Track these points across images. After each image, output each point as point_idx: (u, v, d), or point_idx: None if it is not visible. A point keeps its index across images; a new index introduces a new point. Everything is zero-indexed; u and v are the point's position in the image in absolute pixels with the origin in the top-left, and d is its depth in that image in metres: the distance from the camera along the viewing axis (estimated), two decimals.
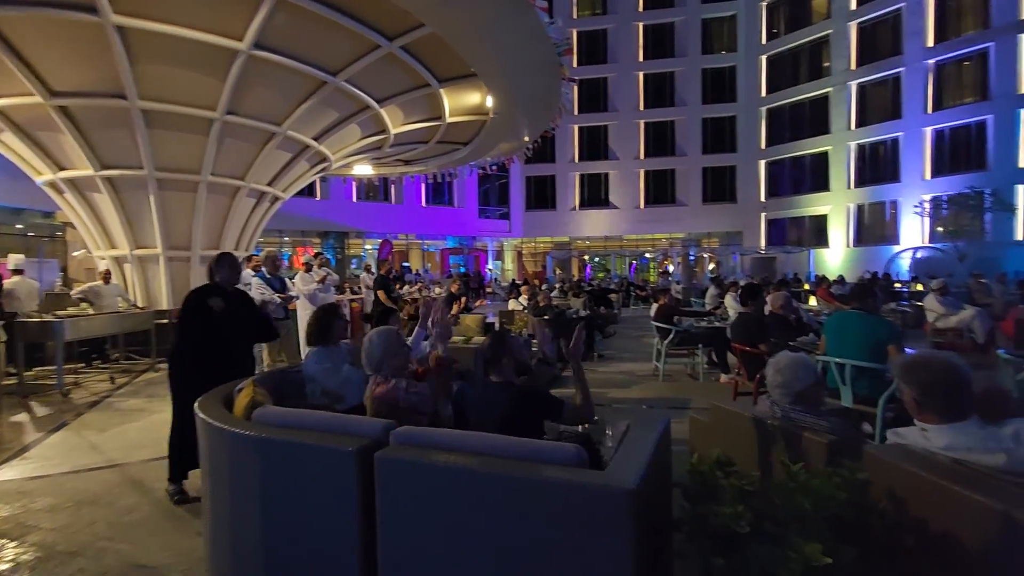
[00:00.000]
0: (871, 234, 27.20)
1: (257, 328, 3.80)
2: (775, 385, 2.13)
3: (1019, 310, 8.83)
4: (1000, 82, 22.57)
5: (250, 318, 3.70)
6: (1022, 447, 1.45)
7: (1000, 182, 22.04)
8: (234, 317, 3.45)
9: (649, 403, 5.79)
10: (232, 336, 3.46)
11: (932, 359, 1.76)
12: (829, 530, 1.16)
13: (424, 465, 1.64)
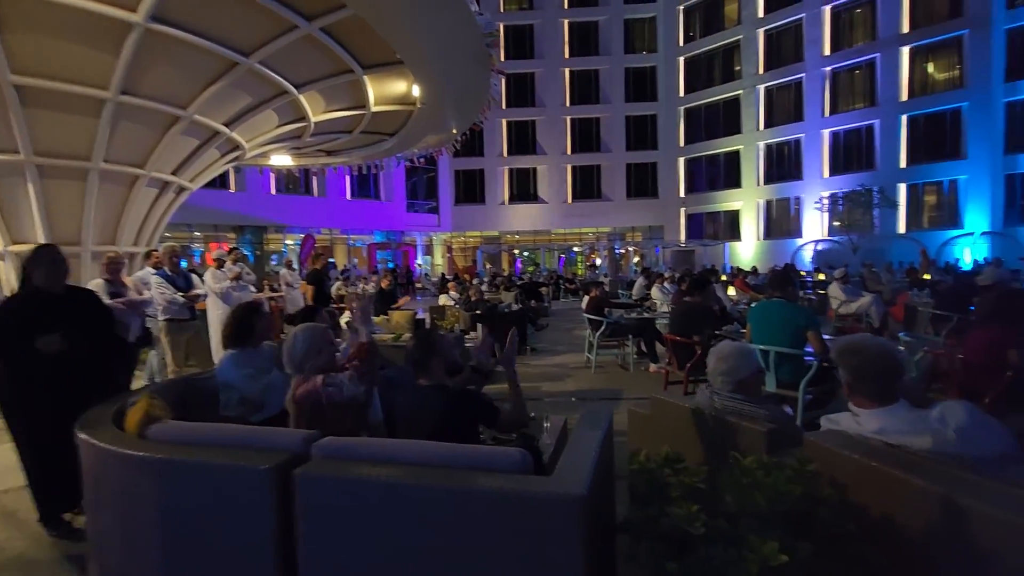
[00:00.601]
0: (778, 228, 29.28)
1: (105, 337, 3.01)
2: (718, 373, 2.14)
3: (905, 296, 9.76)
4: (885, 90, 24.97)
5: (95, 325, 2.90)
6: (947, 428, 1.49)
7: (886, 181, 24.46)
8: (72, 329, 2.67)
9: (583, 395, 5.83)
10: (73, 353, 2.68)
11: (864, 344, 1.78)
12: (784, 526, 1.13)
13: (352, 481, 1.47)
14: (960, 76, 23.24)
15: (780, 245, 28.16)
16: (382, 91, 10.14)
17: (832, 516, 1.18)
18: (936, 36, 23.64)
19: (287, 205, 26.16)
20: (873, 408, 1.68)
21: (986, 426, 1.50)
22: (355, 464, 1.52)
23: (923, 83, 24.51)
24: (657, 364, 6.74)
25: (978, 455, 1.42)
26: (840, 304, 9.18)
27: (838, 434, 1.64)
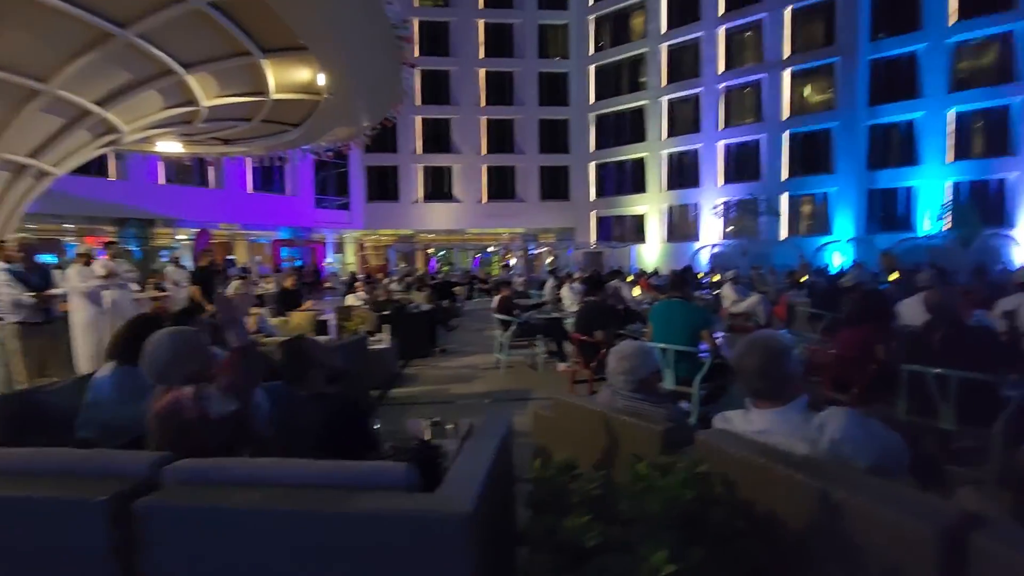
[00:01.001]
0: (680, 232, 31.22)
1: None
2: (619, 372, 2.15)
3: (787, 296, 10.73)
4: (770, 108, 27.44)
5: None
6: (824, 438, 1.52)
7: (771, 191, 26.92)
8: None
9: (492, 396, 5.78)
10: None
11: (758, 343, 1.76)
12: (677, 529, 1.11)
13: (207, 510, 1.26)
14: (832, 99, 26.04)
15: (681, 248, 30.02)
16: (285, 78, 9.49)
17: (724, 516, 1.18)
18: (812, 62, 26.33)
19: (178, 197, 23.87)
20: (765, 408, 1.69)
21: (867, 437, 1.53)
22: (214, 489, 1.31)
23: (801, 104, 27.21)
24: (565, 363, 6.86)
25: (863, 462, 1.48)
26: (731, 303, 9.88)
27: (727, 433, 1.67)
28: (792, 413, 1.64)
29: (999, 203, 23.08)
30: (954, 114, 23.90)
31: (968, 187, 23.65)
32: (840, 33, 25.37)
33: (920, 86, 24.59)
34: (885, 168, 25.67)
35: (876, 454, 1.51)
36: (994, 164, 23.11)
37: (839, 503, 1.16)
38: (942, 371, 2.92)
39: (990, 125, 23.40)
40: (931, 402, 3.02)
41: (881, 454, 1.52)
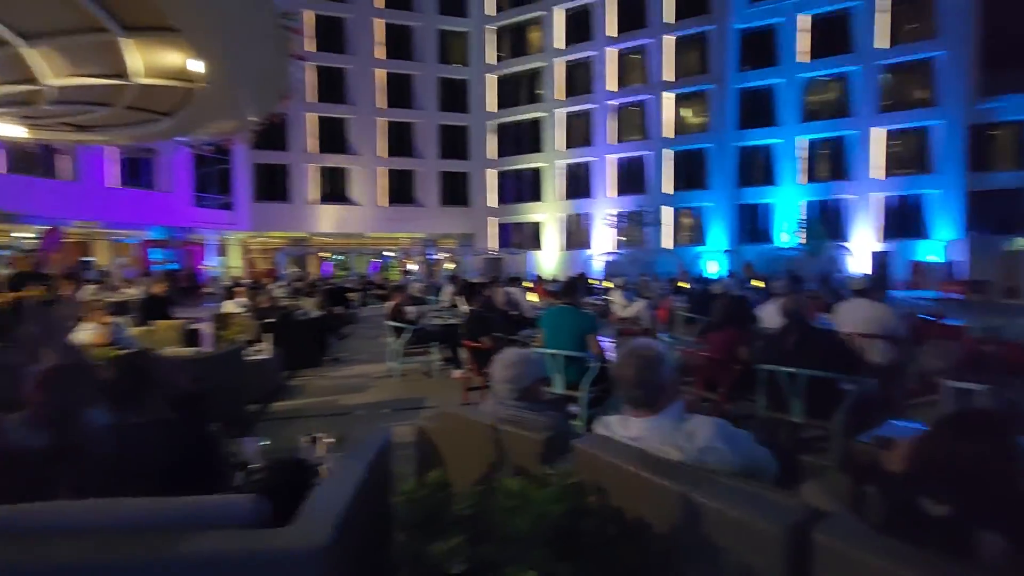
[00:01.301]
0: (575, 240, 32.54)
1: None
2: (502, 381, 2.12)
3: (668, 300, 11.51)
4: (654, 127, 29.60)
5: None
6: (693, 445, 1.59)
7: (655, 204, 29.01)
8: None
9: (384, 406, 5.57)
10: None
11: (635, 352, 1.77)
12: (546, 546, 1.09)
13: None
14: (707, 122, 28.67)
15: (577, 255, 31.30)
16: (153, 61, 8.50)
17: (594, 526, 1.19)
18: (690, 87, 28.83)
19: (20, 189, 20.51)
20: (641, 416, 1.72)
21: (732, 446, 1.61)
22: (15, 543, 1.08)
23: (682, 125, 29.67)
24: (461, 370, 6.80)
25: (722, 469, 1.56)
26: (620, 308, 10.43)
27: (604, 439, 1.71)
28: (665, 421, 1.68)
29: (839, 220, 26.69)
30: (805, 141, 27.33)
31: (817, 205, 27.09)
32: (713, 63, 28.05)
33: (777, 115, 27.86)
34: (751, 186, 28.71)
35: (741, 462, 1.60)
36: (835, 186, 26.74)
37: (699, 506, 1.22)
38: (793, 370, 3.27)
39: (832, 153, 27.08)
40: (784, 398, 3.37)
41: (745, 462, 1.61)
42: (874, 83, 25.72)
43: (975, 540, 1.11)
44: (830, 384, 3.25)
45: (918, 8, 25.06)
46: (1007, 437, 1.20)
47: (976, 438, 1.19)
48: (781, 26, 27.52)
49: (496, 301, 5.73)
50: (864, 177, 26.04)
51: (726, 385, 3.82)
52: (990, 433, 1.20)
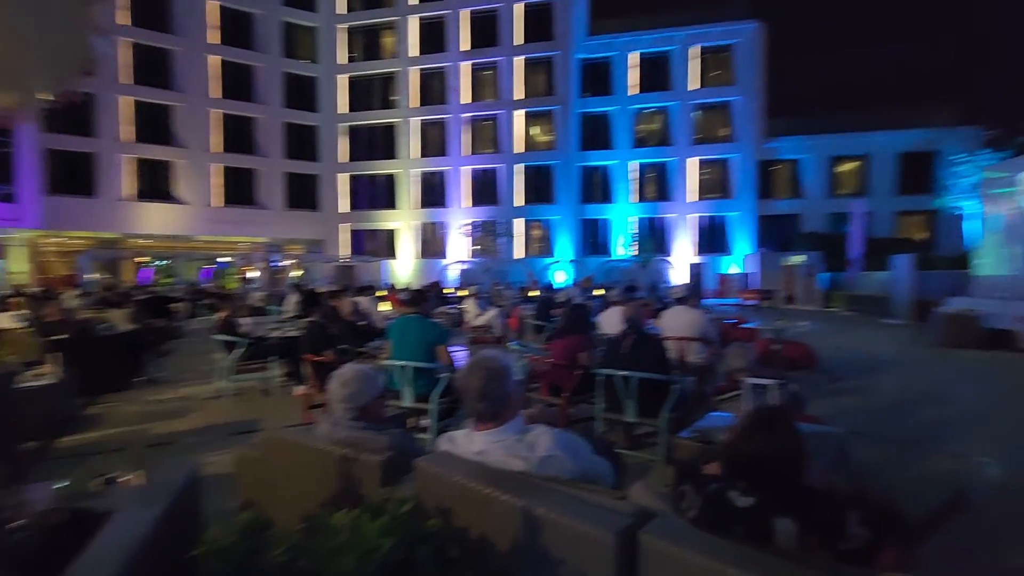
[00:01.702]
0: (430, 248, 32.39)
1: None
2: (339, 400, 1.96)
3: (519, 309, 11.95)
4: (505, 142, 30.78)
5: None
6: (535, 455, 1.61)
7: (507, 215, 30.12)
8: None
9: (208, 432, 4.91)
10: None
11: (480, 364, 1.73)
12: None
13: None
14: (553, 141, 30.58)
15: (432, 264, 31.15)
16: None
17: (433, 552, 1.12)
18: (538, 107, 30.55)
19: None
20: (485, 429, 1.69)
21: (571, 453, 1.66)
22: None
23: (531, 141, 31.28)
24: (304, 386, 6.29)
25: (562, 476, 1.58)
26: (473, 317, 10.55)
27: (448, 456, 1.66)
28: (508, 433, 1.67)
29: (663, 235, 30.31)
30: (636, 165, 30.63)
31: (646, 222, 30.48)
32: (558, 86, 30.06)
33: (613, 140, 30.86)
34: (592, 203, 31.29)
35: (580, 468, 1.66)
36: (660, 206, 30.34)
37: (539, 518, 1.22)
38: (626, 373, 3.56)
39: (658, 176, 30.73)
40: (620, 399, 3.65)
41: (584, 468, 1.67)
42: (688, 118, 29.84)
43: (773, 527, 1.27)
44: (659, 384, 3.59)
45: (720, 59, 29.82)
46: (794, 430, 1.39)
47: (769, 432, 1.37)
48: (615, 60, 30.63)
49: (343, 311, 5.40)
50: (683, 199, 29.98)
51: (568, 389, 4.02)
52: (780, 427, 1.38)
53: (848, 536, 1.24)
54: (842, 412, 5.19)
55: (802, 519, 1.25)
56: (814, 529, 1.25)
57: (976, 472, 3.56)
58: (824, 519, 1.26)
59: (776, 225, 29.63)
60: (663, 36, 29.70)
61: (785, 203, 29.92)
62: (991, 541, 2.63)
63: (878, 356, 8.86)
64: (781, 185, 30.38)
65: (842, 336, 11.48)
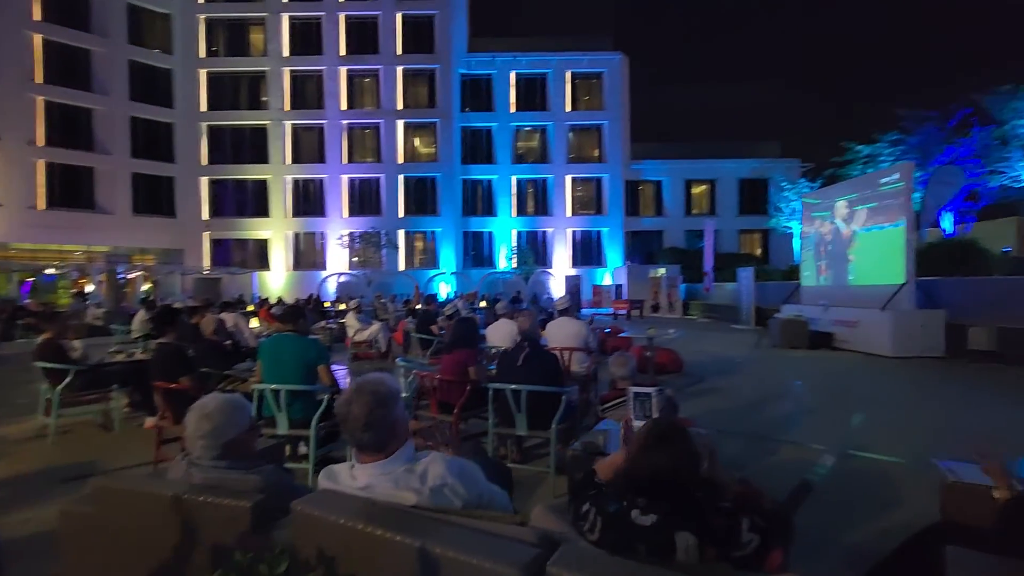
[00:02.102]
0: (306, 260, 30.48)
1: None
2: (199, 436, 1.67)
3: (404, 323, 11.62)
4: (388, 151, 30.09)
5: None
6: (426, 486, 1.48)
7: (390, 226, 29.34)
8: None
9: (26, 481, 4.07)
10: None
11: (365, 389, 1.55)
12: None
13: None
14: (435, 153, 30.48)
15: (308, 276, 29.31)
16: None
17: None
18: (420, 118, 30.32)
19: None
20: (368, 461, 1.53)
21: (465, 478, 1.55)
22: None
23: (413, 153, 30.90)
24: (155, 417, 5.49)
25: (456, 505, 1.50)
26: (355, 332, 10.05)
27: (330, 495, 1.48)
28: (397, 464, 1.53)
29: (544, 248, 31.54)
30: (516, 180, 31.59)
31: (526, 236, 31.50)
32: (440, 99, 30.10)
33: (495, 155, 31.59)
34: (475, 215, 31.66)
35: (475, 495, 1.56)
36: (540, 220, 31.56)
37: (437, 558, 1.13)
38: (516, 387, 3.56)
39: (537, 191, 31.97)
40: (511, 413, 3.64)
41: (479, 493, 1.58)
42: (564, 138, 31.50)
43: (674, 542, 1.29)
44: (549, 396, 3.64)
45: (590, 85, 32.05)
46: (690, 443, 1.44)
47: (668, 446, 1.40)
48: (496, 77, 31.48)
49: (204, 330, 4.80)
50: (561, 214, 31.49)
51: (459, 405, 3.93)
52: (677, 440, 1.43)
53: (742, 544, 1.30)
54: (707, 412, 5.71)
55: (701, 532, 1.30)
56: (712, 540, 1.29)
57: (815, 459, 4.08)
58: (720, 529, 1.32)
59: (642, 240, 32.37)
60: (539, 59, 31.15)
61: (650, 220, 32.73)
62: (828, 521, 3.00)
63: (731, 358, 9.91)
64: (646, 203, 33.19)
65: (701, 341, 12.70)
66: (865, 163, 19.85)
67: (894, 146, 19.15)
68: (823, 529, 2.87)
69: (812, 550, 2.63)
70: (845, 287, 12.13)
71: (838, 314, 11.26)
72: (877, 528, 2.89)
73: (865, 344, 10.22)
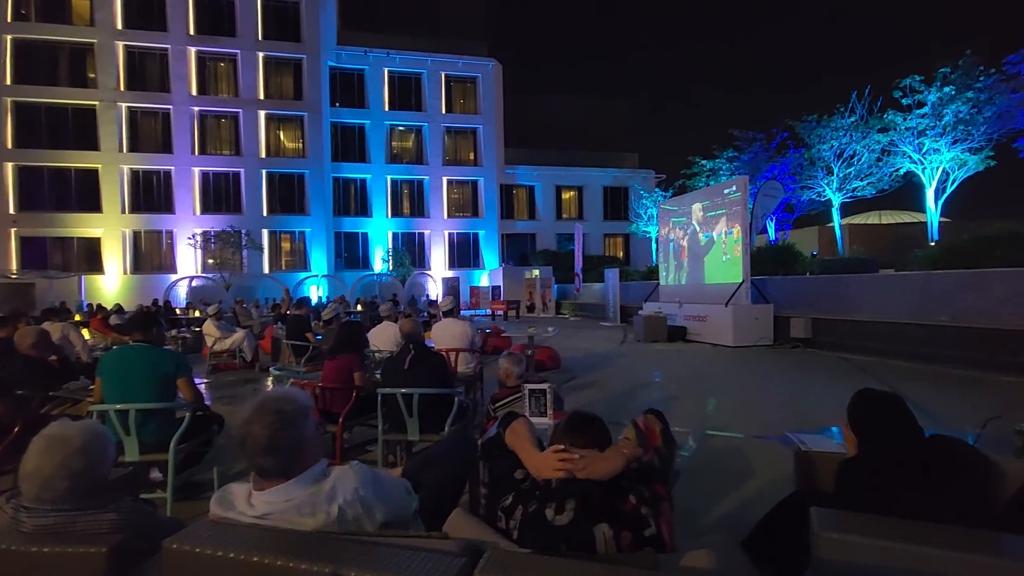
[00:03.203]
0: (150, 262, 26.87)
1: None
2: (63, 477, 1.32)
3: (272, 328, 10.74)
4: (248, 144, 27.58)
5: None
6: (334, 505, 1.34)
7: (252, 225, 26.90)
8: None
9: None
10: None
11: (268, 407, 1.36)
12: None
13: None
14: (303, 148, 28.59)
15: (153, 280, 25.86)
16: None
17: None
18: (286, 110, 28.25)
19: None
20: (268, 487, 1.35)
21: (377, 490, 1.42)
22: None
23: (277, 147, 28.69)
24: None
25: (374, 522, 1.38)
26: (215, 341, 9.06)
27: (214, 527, 1.26)
28: (302, 486, 1.36)
29: (421, 250, 31.13)
30: (390, 180, 30.79)
31: (402, 237, 30.84)
32: (309, 92, 28.30)
33: (368, 153, 30.50)
34: (348, 215, 30.27)
35: (389, 507, 1.46)
36: (416, 222, 31.09)
37: None
38: (407, 390, 3.44)
39: (413, 192, 31.47)
40: (401, 418, 3.50)
41: (391, 506, 1.47)
42: (440, 140, 31.39)
43: (593, 536, 1.32)
44: (440, 399, 3.56)
45: (466, 89, 32.36)
46: (603, 434, 1.48)
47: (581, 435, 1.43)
48: (368, 73, 30.41)
49: (20, 344, 3.98)
50: (438, 216, 31.30)
51: (344, 414, 3.71)
52: (589, 434, 1.46)
53: (645, 521, 1.37)
54: (584, 404, 6.02)
55: (613, 520, 1.34)
56: (624, 527, 1.34)
57: (681, 442, 4.49)
58: (628, 514, 1.37)
59: (517, 242, 33.43)
60: (414, 58, 30.70)
61: (524, 223, 33.89)
62: (698, 496, 3.31)
63: (601, 353, 10.59)
64: (520, 207, 34.30)
65: (574, 339, 13.41)
66: (708, 176, 22.45)
67: (731, 162, 21.89)
68: (696, 503, 3.17)
69: (692, 522, 2.87)
70: (695, 286, 13.59)
71: (690, 310, 12.57)
72: (740, 498, 3.25)
73: (713, 336, 11.53)
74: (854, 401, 1.83)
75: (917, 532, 1.28)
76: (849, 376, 7.38)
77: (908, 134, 16.26)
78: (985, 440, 2.26)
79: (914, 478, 1.57)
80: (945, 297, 8.47)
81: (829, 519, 1.34)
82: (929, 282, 8.93)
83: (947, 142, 15.70)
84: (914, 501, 1.50)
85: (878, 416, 1.74)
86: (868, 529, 1.30)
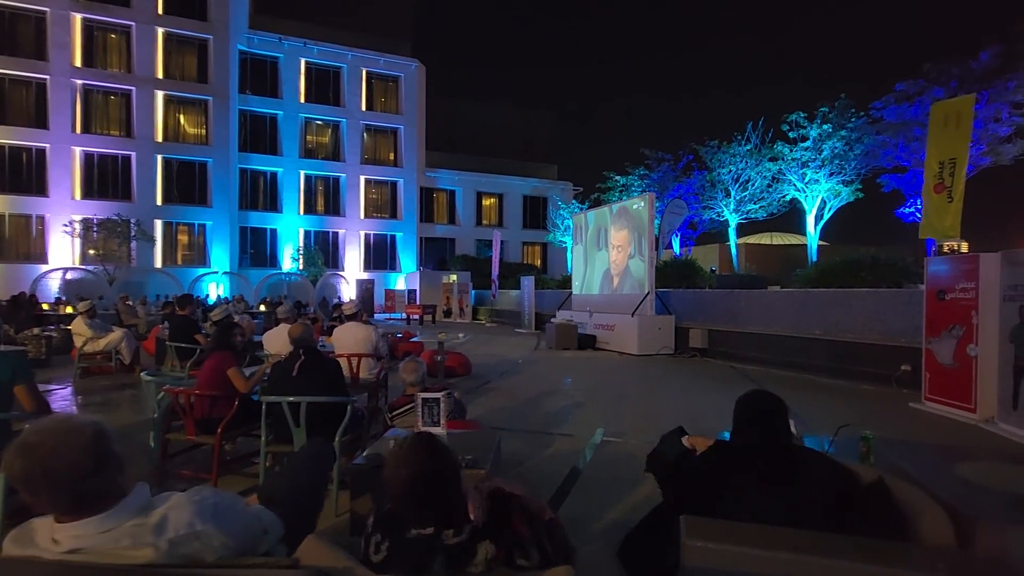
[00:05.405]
0: (15, 249, 23.69)
1: None
2: None
3: (158, 329, 9.78)
4: (142, 126, 25.18)
5: None
6: (163, 538, 1.18)
7: (143, 214, 24.52)
8: None
9: None
10: None
11: (61, 432, 1.16)
12: None
13: None
14: (206, 135, 26.55)
15: (18, 270, 22.79)
16: None
17: None
18: (187, 92, 26.12)
19: None
20: (76, 519, 1.16)
21: (221, 519, 1.26)
22: None
23: (176, 131, 26.40)
24: None
25: (211, 556, 1.23)
26: (85, 341, 8.11)
27: (6, 567, 1.09)
28: (121, 517, 1.18)
29: (335, 250, 29.89)
30: (304, 175, 29.34)
31: (315, 235, 29.44)
32: (215, 75, 26.36)
33: (280, 145, 28.88)
34: (255, 210, 28.45)
35: (236, 536, 1.30)
36: (330, 220, 29.84)
37: None
38: (294, 398, 3.22)
39: (328, 190, 30.20)
40: (288, 428, 3.28)
41: (238, 538, 1.30)
42: (359, 138, 30.41)
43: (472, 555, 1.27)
44: (332, 407, 3.38)
45: (387, 87, 31.64)
46: (447, 453, 1.42)
47: (427, 459, 1.36)
48: (283, 62, 28.85)
49: None
50: (355, 216, 30.24)
51: (223, 423, 3.41)
52: (436, 453, 1.39)
53: (527, 553, 1.34)
54: (492, 411, 6.02)
55: (499, 540, 1.30)
56: (503, 548, 1.31)
57: (582, 449, 4.60)
58: (507, 536, 1.34)
59: (436, 246, 33.04)
60: (333, 51, 29.56)
61: (443, 227, 33.60)
62: (592, 502, 3.39)
63: (514, 360, 10.68)
64: (440, 211, 33.99)
65: (488, 345, 13.42)
66: (621, 191, 23.49)
67: (642, 179, 23.06)
68: (588, 509, 3.23)
69: (581, 530, 2.93)
70: (604, 296, 14.11)
71: (600, 319, 13.02)
72: (629, 504, 3.36)
73: (620, 344, 12.01)
74: (740, 398, 1.89)
75: (779, 538, 1.35)
76: (737, 384, 7.96)
77: (794, 164, 18.00)
78: (838, 445, 2.49)
79: (758, 477, 1.67)
80: (819, 313, 9.40)
81: (696, 527, 1.39)
82: (806, 299, 9.86)
83: (825, 174, 17.57)
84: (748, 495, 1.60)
85: (748, 411, 1.81)
86: (734, 537, 1.36)
